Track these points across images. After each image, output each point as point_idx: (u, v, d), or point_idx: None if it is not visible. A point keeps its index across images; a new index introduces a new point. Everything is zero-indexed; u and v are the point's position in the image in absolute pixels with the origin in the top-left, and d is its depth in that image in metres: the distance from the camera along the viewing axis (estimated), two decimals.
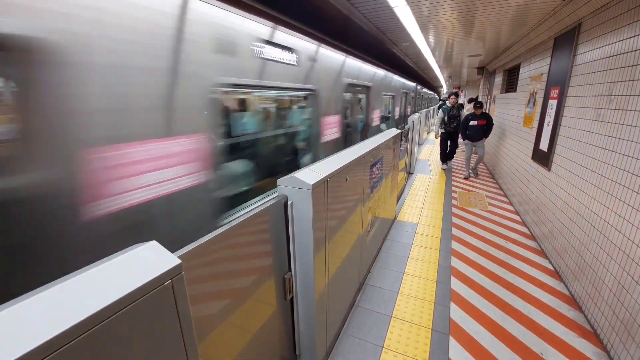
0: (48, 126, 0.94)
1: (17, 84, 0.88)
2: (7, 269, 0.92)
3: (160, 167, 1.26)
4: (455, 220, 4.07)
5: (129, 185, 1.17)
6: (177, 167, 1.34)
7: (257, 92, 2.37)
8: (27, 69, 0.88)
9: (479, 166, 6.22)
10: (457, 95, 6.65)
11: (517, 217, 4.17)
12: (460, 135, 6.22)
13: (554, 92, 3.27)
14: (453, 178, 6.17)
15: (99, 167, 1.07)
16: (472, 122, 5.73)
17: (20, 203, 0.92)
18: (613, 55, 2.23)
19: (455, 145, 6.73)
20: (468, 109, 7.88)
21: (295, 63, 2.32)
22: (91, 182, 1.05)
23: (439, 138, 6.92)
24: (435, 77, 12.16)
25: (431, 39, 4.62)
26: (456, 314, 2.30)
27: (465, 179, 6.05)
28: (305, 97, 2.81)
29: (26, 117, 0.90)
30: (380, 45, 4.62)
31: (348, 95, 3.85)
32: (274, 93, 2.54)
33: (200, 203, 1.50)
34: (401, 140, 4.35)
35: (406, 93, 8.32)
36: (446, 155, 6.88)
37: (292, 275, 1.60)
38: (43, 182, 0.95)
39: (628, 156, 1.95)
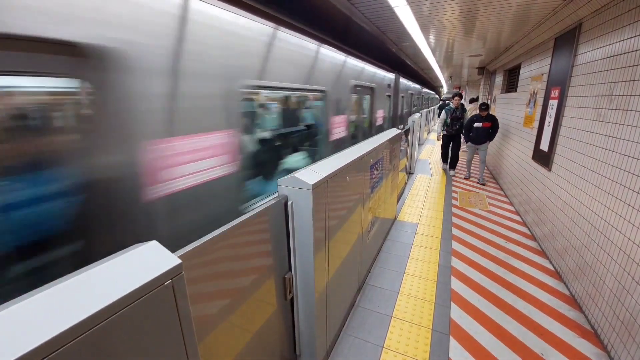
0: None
1: None
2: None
3: None
4: (455, 220, 4.07)
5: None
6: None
7: None
8: None
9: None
10: (461, 96, 6.37)
11: (517, 217, 4.16)
12: (462, 137, 6.11)
13: (555, 92, 3.27)
14: (453, 178, 6.16)
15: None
16: (476, 124, 5.55)
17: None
18: (614, 56, 2.22)
19: (458, 149, 6.44)
20: (470, 108, 7.83)
21: None
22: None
23: (441, 141, 6.71)
24: (436, 77, 12.15)
25: (431, 39, 4.61)
26: (456, 314, 2.30)
27: (466, 179, 6.04)
28: None
29: None
30: (375, 41, 4.55)
31: None
32: None
33: None
34: (402, 140, 4.32)
35: (372, 89, 4.68)
36: (447, 157, 6.64)
37: (292, 275, 1.60)
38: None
39: (629, 156, 1.95)
